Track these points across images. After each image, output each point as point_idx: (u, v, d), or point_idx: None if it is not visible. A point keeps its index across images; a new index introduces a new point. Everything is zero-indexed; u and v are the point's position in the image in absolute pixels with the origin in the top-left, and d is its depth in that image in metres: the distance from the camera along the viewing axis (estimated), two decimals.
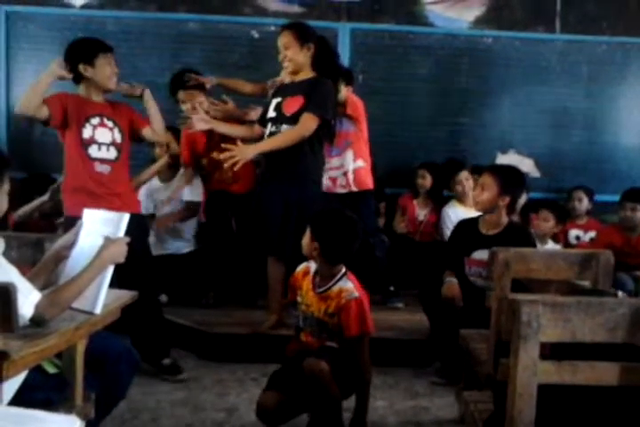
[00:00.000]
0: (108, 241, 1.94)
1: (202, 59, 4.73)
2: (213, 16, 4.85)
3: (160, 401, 2.99)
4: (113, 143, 3.15)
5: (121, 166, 3.21)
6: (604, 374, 1.69)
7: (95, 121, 3.12)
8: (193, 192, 4.24)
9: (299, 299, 2.65)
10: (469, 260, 3.20)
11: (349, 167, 3.94)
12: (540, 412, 1.68)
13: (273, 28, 4.79)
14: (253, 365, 3.43)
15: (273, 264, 3.50)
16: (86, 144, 3.09)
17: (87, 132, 3.10)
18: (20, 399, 1.79)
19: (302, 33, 3.34)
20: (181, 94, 3.98)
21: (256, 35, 4.79)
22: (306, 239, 2.57)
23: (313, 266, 2.64)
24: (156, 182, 4.27)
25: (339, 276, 2.56)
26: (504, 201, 3.14)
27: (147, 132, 3.30)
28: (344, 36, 4.85)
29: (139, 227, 3.12)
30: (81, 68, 3.08)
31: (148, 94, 3.28)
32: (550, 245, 4.25)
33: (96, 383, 2.05)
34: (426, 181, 4.61)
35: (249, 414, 2.86)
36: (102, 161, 3.12)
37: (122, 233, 1.99)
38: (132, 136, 3.29)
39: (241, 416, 2.86)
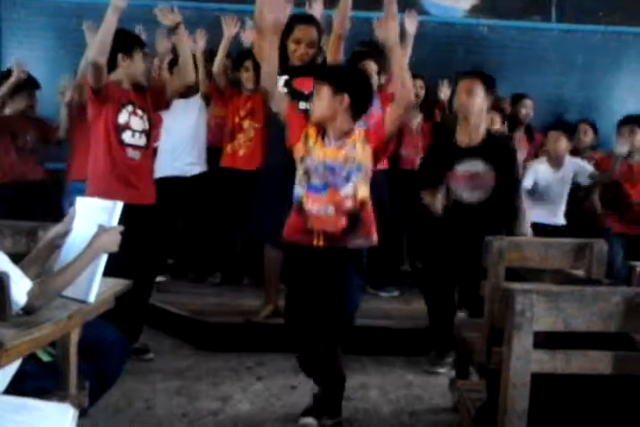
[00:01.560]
0: (101, 230, 1.93)
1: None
2: (209, 4, 4.83)
3: (155, 390, 2.99)
4: (143, 131, 3.19)
5: (148, 154, 3.26)
6: (598, 363, 1.69)
7: (130, 108, 3.16)
8: None
9: (300, 147, 2.48)
10: (453, 174, 3.18)
11: None
12: (534, 401, 1.69)
13: None
14: (248, 354, 3.43)
15: (269, 252, 3.48)
16: (121, 129, 3.12)
17: (123, 118, 3.12)
18: (13, 388, 1.78)
19: (321, 32, 3.36)
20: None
21: (251, 22, 4.76)
22: (323, 98, 2.40)
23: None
24: None
25: (353, 130, 2.46)
26: (488, 103, 3.18)
27: (172, 85, 3.31)
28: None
29: (149, 218, 3.18)
30: (119, 57, 3.11)
31: (182, 29, 3.22)
32: (568, 162, 4.14)
33: (89, 371, 2.05)
34: (422, 91, 4.50)
35: (243, 403, 2.88)
36: (134, 147, 3.16)
37: (115, 221, 1.98)
38: (165, 105, 3.34)
39: (235, 405, 2.86)
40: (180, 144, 4.20)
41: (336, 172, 2.41)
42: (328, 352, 2.54)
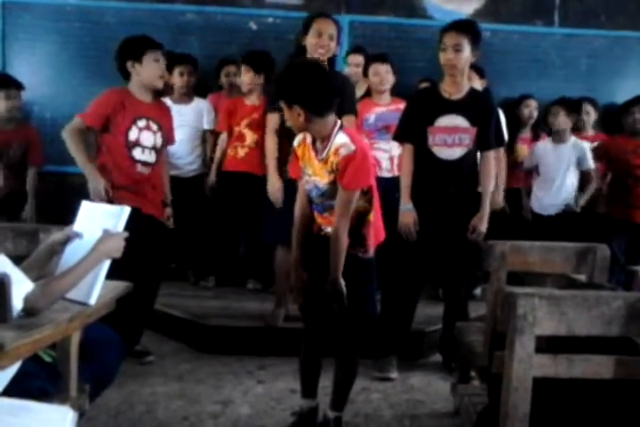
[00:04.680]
0: (106, 235, 1.92)
1: (199, 50, 4.71)
2: (211, 7, 4.83)
3: (155, 393, 2.99)
4: (154, 147, 3.19)
5: (158, 169, 3.26)
6: (600, 367, 1.69)
7: (142, 123, 3.13)
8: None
9: (302, 166, 2.48)
10: (433, 128, 3.13)
11: (395, 153, 4.01)
12: (535, 405, 1.68)
13: (271, 20, 4.78)
14: (249, 357, 3.43)
15: (282, 254, 3.40)
16: (131, 146, 3.11)
17: (133, 135, 3.11)
18: (15, 387, 1.78)
19: (339, 30, 3.32)
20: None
21: (254, 26, 4.77)
22: (286, 115, 2.37)
23: (309, 137, 2.46)
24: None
25: (334, 133, 2.36)
26: (474, 58, 3.15)
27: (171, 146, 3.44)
28: (342, 29, 4.82)
29: (156, 222, 3.22)
30: (129, 65, 3.09)
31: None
32: (572, 142, 4.25)
33: (85, 371, 2.04)
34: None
35: (244, 407, 2.87)
36: (144, 163, 3.16)
37: (121, 227, 1.97)
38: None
39: (236, 409, 2.86)
40: (178, 150, 4.19)
41: (326, 195, 2.40)
42: (346, 343, 2.51)
